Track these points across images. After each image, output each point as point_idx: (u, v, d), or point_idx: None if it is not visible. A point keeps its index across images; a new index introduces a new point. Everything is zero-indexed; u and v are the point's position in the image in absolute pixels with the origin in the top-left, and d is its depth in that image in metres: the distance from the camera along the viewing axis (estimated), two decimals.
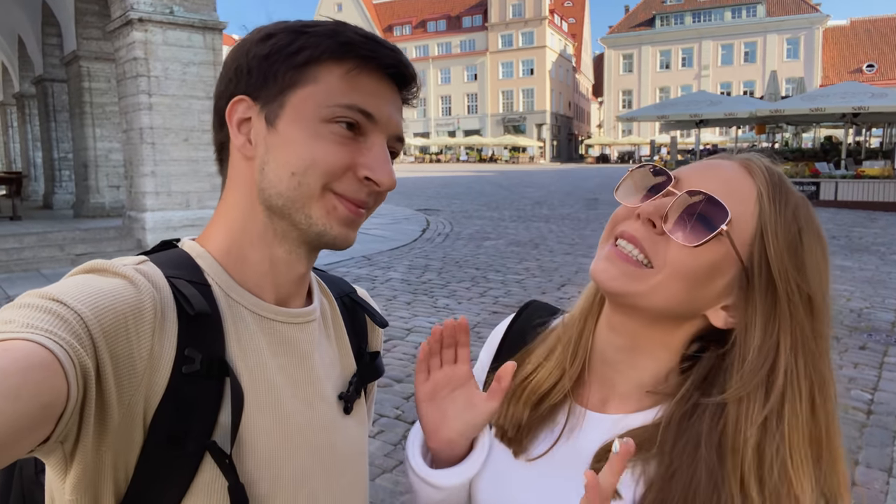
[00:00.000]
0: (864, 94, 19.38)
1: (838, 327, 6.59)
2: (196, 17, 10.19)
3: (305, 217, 0.76)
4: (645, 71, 69.52)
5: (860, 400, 4.76)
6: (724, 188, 0.76)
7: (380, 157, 0.77)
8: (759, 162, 0.80)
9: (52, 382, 0.55)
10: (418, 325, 6.56)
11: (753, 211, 0.76)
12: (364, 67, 0.76)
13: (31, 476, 0.88)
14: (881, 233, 13.37)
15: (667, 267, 0.76)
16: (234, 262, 0.81)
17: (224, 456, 0.71)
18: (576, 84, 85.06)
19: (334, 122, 0.75)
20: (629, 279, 0.77)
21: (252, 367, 0.77)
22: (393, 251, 11.15)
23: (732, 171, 0.79)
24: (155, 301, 0.69)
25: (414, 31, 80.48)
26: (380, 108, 0.77)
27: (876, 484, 3.58)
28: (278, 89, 0.76)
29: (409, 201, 20.31)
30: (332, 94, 0.75)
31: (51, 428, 0.57)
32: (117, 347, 0.64)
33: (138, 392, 0.66)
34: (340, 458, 0.88)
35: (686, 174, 0.81)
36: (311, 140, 0.75)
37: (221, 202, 0.84)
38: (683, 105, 23.89)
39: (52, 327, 0.58)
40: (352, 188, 0.77)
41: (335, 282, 1.01)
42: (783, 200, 0.77)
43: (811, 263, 0.77)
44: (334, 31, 0.76)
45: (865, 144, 27.65)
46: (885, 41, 62.52)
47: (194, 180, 10.38)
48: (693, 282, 0.76)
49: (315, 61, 0.75)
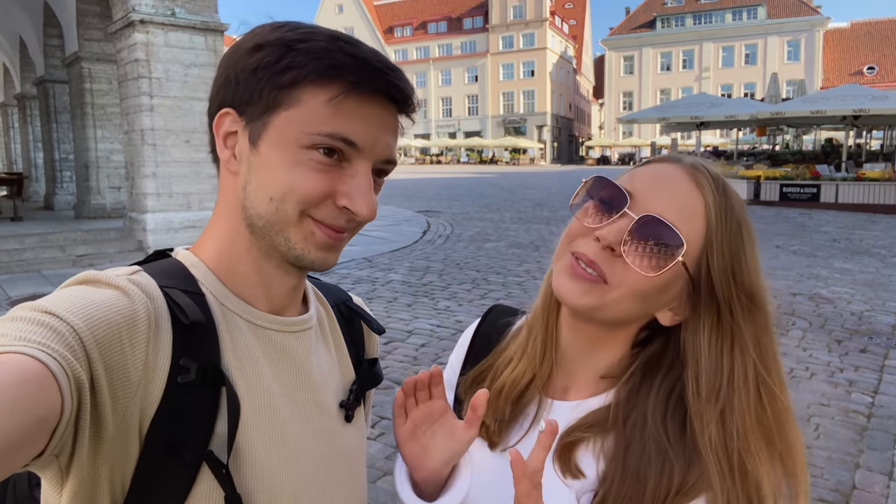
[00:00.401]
0: (864, 97, 19.39)
1: (838, 330, 6.59)
2: (198, 18, 10.21)
3: (284, 240, 0.75)
4: (646, 73, 69.57)
5: (861, 403, 4.76)
6: (677, 208, 0.81)
7: (360, 187, 0.74)
8: (706, 172, 0.84)
9: (46, 396, 0.54)
10: (419, 327, 6.55)
11: (702, 227, 0.81)
12: (351, 92, 0.72)
13: (25, 491, 0.88)
14: (882, 235, 13.36)
15: (623, 286, 0.82)
16: (227, 272, 0.80)
17: (221, 466, 0.71)
18: (576, 86, 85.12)
19: (314, 149, 0.72)
20: (588, 295, 0.83)
21: (248, 377, 0.77)
22: (394, 253, 11.15)
23: (683, 188, 0.83)
24: (149, 311, 0.68)
25: (415, 33, 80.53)
26: (366, 134, 0.74)
27: (877, 487, 3.57)
28: (263, 107, 0.74)
29: (409, 203, 20.31)
30: (315, 119, 0.72)
31: (45, 441, 0.56)
32: (111, 359, 0.63)
33: (133, 403, 0.66)
34: (339, 467, 0.87)
35: (641, 190, 0.83)
36: (289, 166, 0.73)
37: (214, 211, 0.83)
38: (684, 107, 23.90)
39: (46, 340, 0.58)
40: (330, 215, 0.75)
41: (330, 290, 1.01)
42: (728, 213, 0.82)
43: (752, 267, 0.83)
44: (324, 51, 0.73)
45: (866, 147, 27.65)
46: (885, 43, 62.56)
47: (195, 182, 10.39)
48: (646, 298, 0.83)
49: (300, 83, 0.72)
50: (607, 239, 0.80)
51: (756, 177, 19.92)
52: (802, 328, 6.68)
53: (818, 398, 4.84)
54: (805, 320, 6.97)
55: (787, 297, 8.00)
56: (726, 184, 0.85)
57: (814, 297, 7.99)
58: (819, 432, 4.26)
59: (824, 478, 3.67)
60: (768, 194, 19.33)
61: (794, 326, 6.74)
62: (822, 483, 3.61)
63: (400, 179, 34.89)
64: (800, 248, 11.73)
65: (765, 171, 20.72)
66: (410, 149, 73.25)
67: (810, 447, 4.05)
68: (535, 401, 0.96)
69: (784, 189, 19.12)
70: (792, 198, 18.88)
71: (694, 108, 22.87)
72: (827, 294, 8.17)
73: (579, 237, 0.85)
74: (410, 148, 72.77)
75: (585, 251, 0.83)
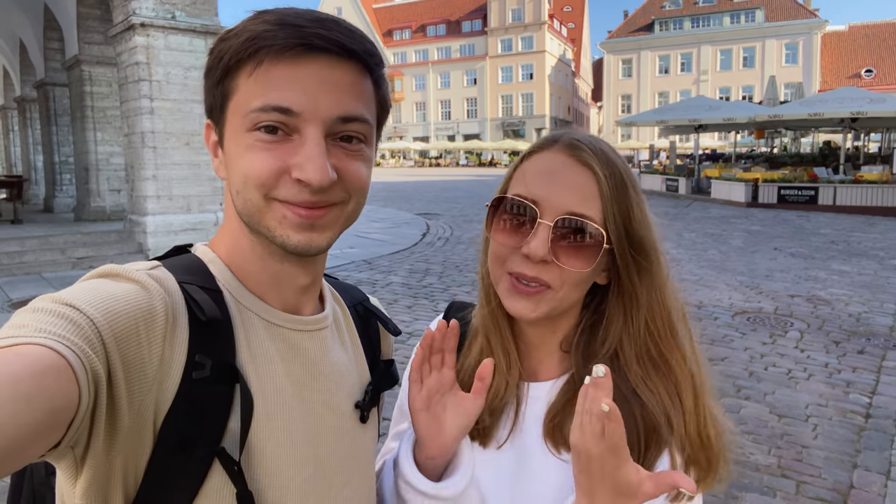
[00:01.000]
0: (862, 99, 19.44)
1: (836, 331, 6.62)
2: (198, 21, 10.23)
3: (266, 229, 0.74)
4: (644, 76, 69.64)
5: (859, 404, 4.79)
6: (578, 196, 0.86)
7: (309, 153, 0.70)
8: (585, 146, 0.89)
9: (63, 387, 0.54)
10: (419, 328, 6.57)
11: (600, 202, 0.87)
12: (271, 58, 0.69)
13: (42, 478, 0.89)
14: (880, 237, 13.39)
15: (566, 284, 0.88)
16: (239, 270, 0.81)
17: (233, 462, 0.71)
18: (575, 89, 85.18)
19: (256, 130, 0.71)
20: (540, 305, 0.89)
21: (262, 374, 0.77)
22: (393, 255, 11.17)
23: (575, 173, 0.88)
24: (167, 306, 0.69)
25: (414, 36, 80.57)
26: (301, 97, 0.70)
27: (874, 487, 3.60)
28: (219, 108, 0.75)
29: (409, 205, 20.33)
30: (248, 98, 0.71)
31: (62, 433, 0.56)
32: (128, 352, 0.63)
33: (148, 397, 0.66)
34: (349, 466, 0.87)
35: (540, 193, 0.88)
36: (243, 154, 0.72)
37: (224, 213, 0.85)
38: (682, 110, 23.96)
39: (65, 332, 0.58)
40: (291, 192, 0.72)
41: (347, 290, 1.01)
42: (615, 178, 0.88)
43: (641, 219, 0.89)
44: (244, 29, 0.71)
45: (864, 149, 27.71)
46: (883, 46, 62.68)
47: (195, 184, 10.40)
48: (587, 280, 0.91)
49: (232, 70, 0.72)
50: (537, 254, 0.85)
51: (754, 179, 19.95)
52: (800, 329, 6.71)
53: (816, 399, 4.87)
54: (803, 322, 7.00)
55: (786, 298, 8.03)
56: (604, 148, 0.90)
57: (812, 299, 8.01)
58: (817, 432, 4.28)
59: (822, 477, 3.69)
60: (766, 197, 19.36)
61: (792, 328, 6.77)
62: (820, 482, 3.64)
63: (399, 182, 34.89)
64: (798, 250, 11.76)
65: (763, 173, 20.76)
66: (409, 151, 73.25)
67: (808, 447, 4.07)
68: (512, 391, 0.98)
69: (782, 191, 19.15)
70: (790, 200, 18.91)
71: (692, 111, 22.93)
72: (825, 296, 8.20)
73: (508, 257, 0.89)
74: (409, 151, 72.76)
75: (523, 270, 0.87)
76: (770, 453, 3.98)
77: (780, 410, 4.64)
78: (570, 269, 0.86)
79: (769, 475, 3.71)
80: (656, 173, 26.37)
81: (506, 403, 0.97)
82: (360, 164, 0.76)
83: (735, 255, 11.19)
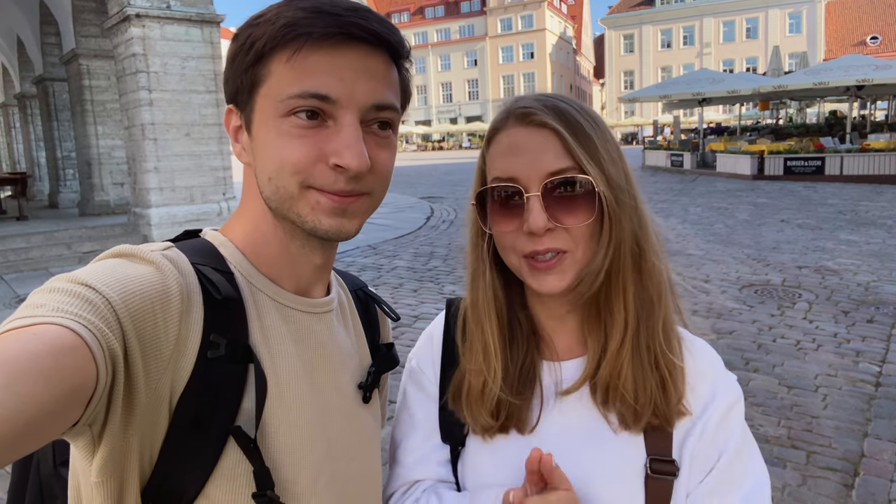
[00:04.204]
0: (868, 67, 19.20)
1: (845, 301, 6.58)
2: (193, 10, 10.16)
3: (297, 216, 0.75)
4: (646, 51, 68.94)
5: (868, 373, 4.77)
6: (550, 157, 0.86)
7: (347, 140, 0.72)
8: (538, 107, 0.89)
9: (81, 366, 0.55)
10: (425, 311, 6.58)
11: (571, 154, 0.86)
12: (309, 46, 0.70)
13: (50, 469, 0.89)
14: (888, 206, 13.28)
15: (579, 242, 0.88)
16: (253, 253, 0.81)
17: (249, 440, 0.72)
18: (577, 66, 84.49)
19: (292, 115, 0.71)
20: (567, 272, 0.89)
21: (275, 355, 0.78)
22: (398, 239, 11.17)
23: (538, 138, 0.88)
24: (181, 286, 0.69)
25: (412, 18, 79.96)
26: (338, 84, 0.71)
27: (885, 455, 3.59)
28: (247, 93, 0.75)
29: (412, 189, 20.29)
30: (283, 85, 0.71)
31: (80, 411, 0.57)
32: (145, 332, 0.64)
33: (165, 376, 0.67)
34: (357, 445, 0.89)
35: (516, 170, 0.88)
36: (276, 140, 0.73)
37: (241, 200, 0.85)
38: (686, 84, 23.71)
39: (82, 311, 0.58)
40: (328, 180, 0.73)
41: (348, 276, 1.03)
42: (574, 124, 0.87)
43: (614, 152, 0.90)
44: (278, 16, 0.71)
45: (870, 118, 27.41)
46: (888, 12, 61.71)
47: (197, 175, 10.40)
48: (597, 233, 0.89)
49: (265, 55, 0.72)
50: (538, 226, 0.85)
51: (760, 151, 19.79)
52: (809, 300, 6.67)
53: (825, 369, 4.85)
54: (811, 293, 6.96)
55: (794, 269, 7.98)
56: (554, 100, 0.90)
57: (819, 269, 7.97)
58: (827, 402, 4.27)
59: (832, 447, 3.69)
60: (772, 169, 19.21)
61: (800, 299, 6.74)
62: (830, 452, 3.63)
63: (402, 167, 34.78)
64: (805, 221, 11.68)
65: (768, 145, 20.59)
66: (412, 136, 73.02)
67: (818, 417, 4.06)
68: (541, 372, 0.97)
69: (788, 163, 18.98)
70: (796, 171, 18.75)
71: (696, 85, 22.70)
72: (833, 266, 8.15)
73: (515, 242, 0.89)
74: (412, 135, 72.53)
75: (535, 247, 0.87)
76: (780, 425, 3.97)
77: (789, 382, 4.63)
78: (575, 224, 0.87)
79: (779, 446, 3.71)
80: (661, 149, 26.17)
81: (533, 384, 0.96)
82: (388, 155, 0.78)
83: (741, 229, 11.13)
